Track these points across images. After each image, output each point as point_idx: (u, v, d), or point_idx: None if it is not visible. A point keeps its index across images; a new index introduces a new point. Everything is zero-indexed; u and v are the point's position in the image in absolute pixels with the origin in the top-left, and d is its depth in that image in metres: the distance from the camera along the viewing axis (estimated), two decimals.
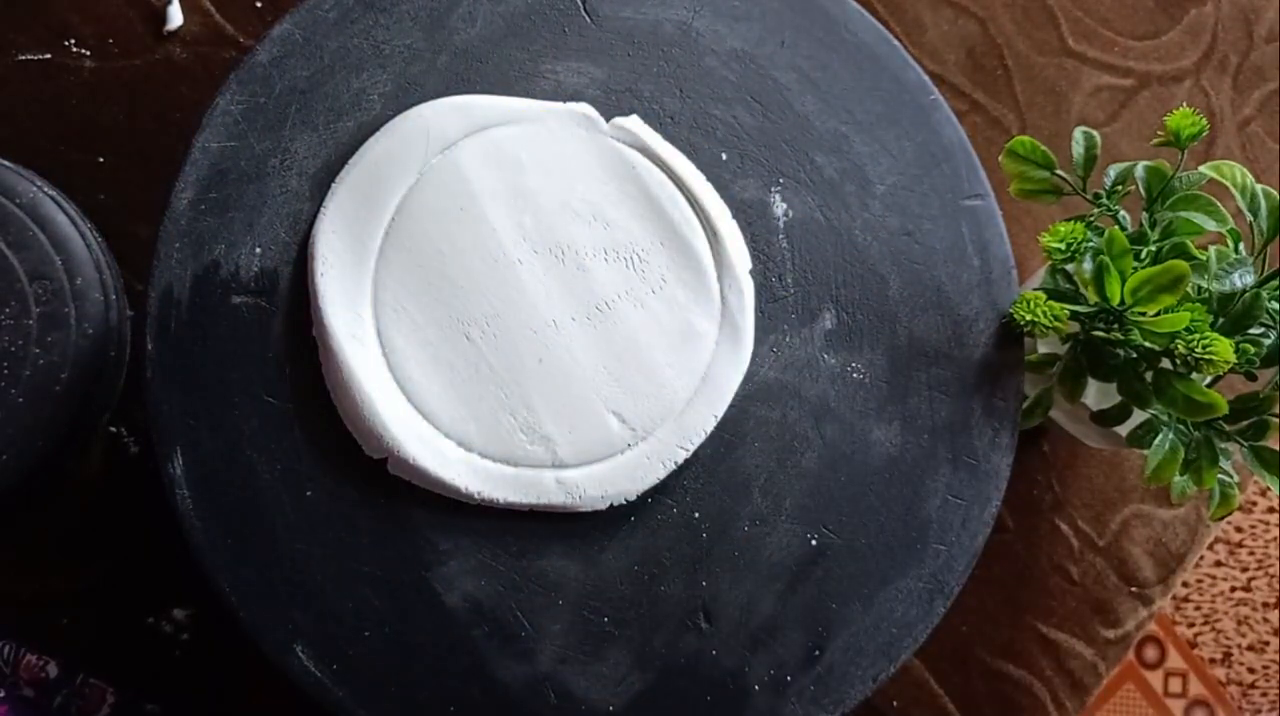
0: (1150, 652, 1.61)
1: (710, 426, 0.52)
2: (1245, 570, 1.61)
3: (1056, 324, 0.51)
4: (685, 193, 0.54)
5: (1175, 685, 1.61)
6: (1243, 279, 0.50)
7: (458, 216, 0.52)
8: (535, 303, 0.52)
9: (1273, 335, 0.51)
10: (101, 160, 0.60)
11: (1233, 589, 1.61)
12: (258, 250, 0.51)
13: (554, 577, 0.51)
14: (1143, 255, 0.51)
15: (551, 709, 0.51)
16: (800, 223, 0.55)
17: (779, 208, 0.55)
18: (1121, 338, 0.51)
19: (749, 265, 0.54)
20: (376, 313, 0.51)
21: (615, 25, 0.55)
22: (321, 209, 0.52)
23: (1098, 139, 0.53)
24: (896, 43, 0.57)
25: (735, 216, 0.54)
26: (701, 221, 0.53)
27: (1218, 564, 1.61)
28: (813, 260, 0.55)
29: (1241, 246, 0.52)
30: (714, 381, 0.52)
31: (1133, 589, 0.66)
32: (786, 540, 0.52)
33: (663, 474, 0.51)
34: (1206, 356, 0.47)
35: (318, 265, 0.51)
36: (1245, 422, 0.52)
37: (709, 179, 0.54)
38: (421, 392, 0.51)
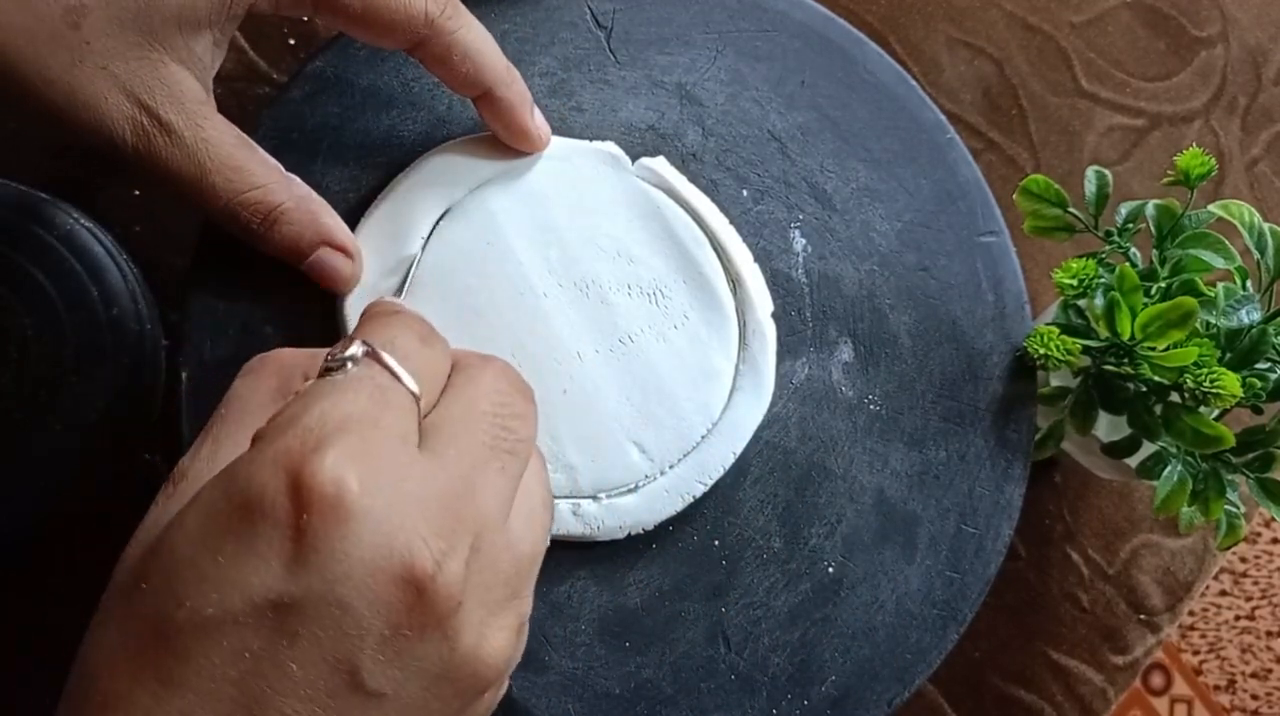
0: (1157, 679, 1.61)
1: (729, 463, 0.52)
2: (1249, 599, 1.62)
3: (1069, 358, 0.52)
4: (709, 235, 0.54)
5: (1181, 711, 1.61)
6: (1249, 315, 0.51)
7: (485, 251, 0.53)
8: (560, 335, 0.52)
9: (1279, 370, 0.52)
10: (137, 193, 0.61)
11: (1237, 617, 1.62)
12: (289, 282, 0.52)
13: (576, 603, 0.52)
14: (1153, 291, 0.52)
15: None
16: (819, 258, 0.56)
17: (798, 243, 0.56)
18: (1132, 372, 0.51)
19: (770, 308, 0.54)
20: None
21: (639, 65, 0.57)
22: None
23: (1109, 178, 0.54)
24: (914, 83, 0.58)
25: (755, 251, 0.55)
26: (724, 264, 0.54)
27: (1223, 593, 1.62)
28: (830, 295, 0.56)
29: (1249, 283, 0.53)
30: (733, 420, 0.53)
31: (1141, 616, 0.67)
32: (804, 567, 0.53)
33: (680, 506, 0.52)
34: (1214, 390, 0.48)
35: (348, 297, 0.52)
36: (1251, 455, 0.53)
37: (730, 215, 0.55)
38: None
